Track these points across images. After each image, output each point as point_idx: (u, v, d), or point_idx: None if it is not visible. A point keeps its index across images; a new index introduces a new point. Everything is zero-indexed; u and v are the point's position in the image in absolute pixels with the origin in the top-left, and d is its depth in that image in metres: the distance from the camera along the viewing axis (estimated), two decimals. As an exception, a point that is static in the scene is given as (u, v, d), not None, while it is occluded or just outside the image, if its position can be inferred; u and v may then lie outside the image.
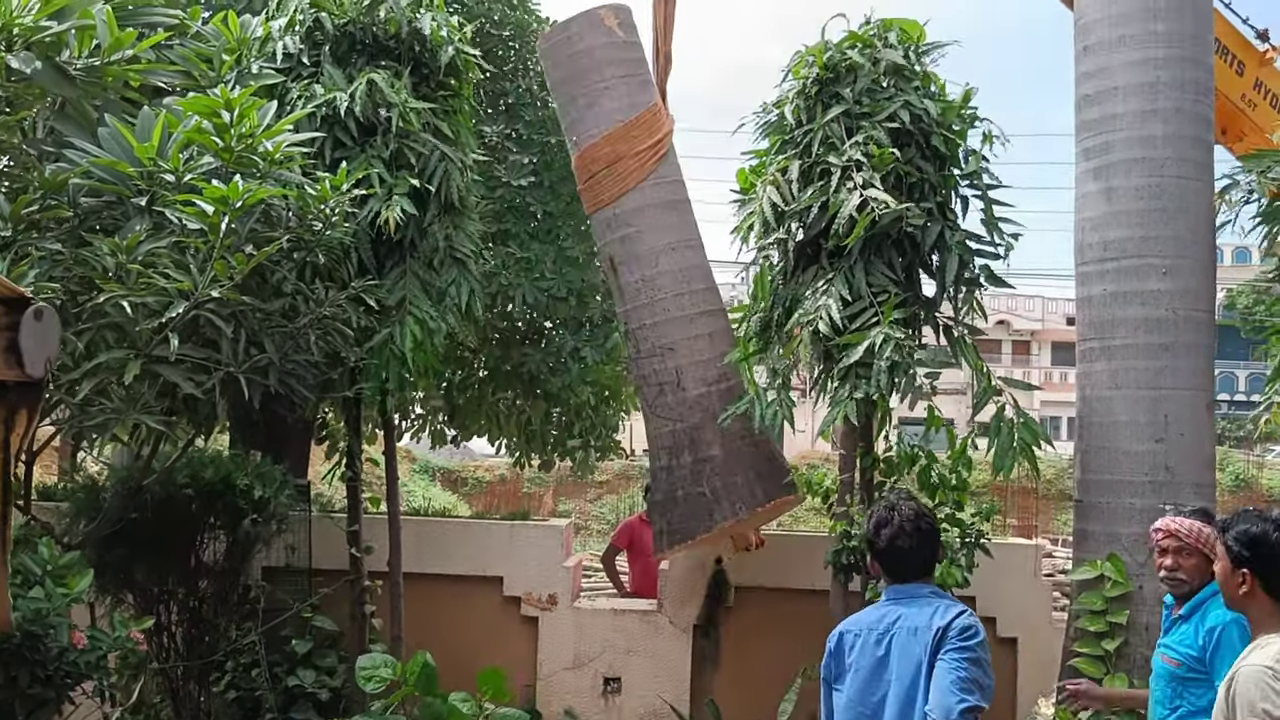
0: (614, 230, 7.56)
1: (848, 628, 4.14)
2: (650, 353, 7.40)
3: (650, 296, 7.40)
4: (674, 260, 7.46)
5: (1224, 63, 10.84)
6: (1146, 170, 6.72)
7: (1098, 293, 6.87)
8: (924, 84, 6.71)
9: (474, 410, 10.82)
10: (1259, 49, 11.22)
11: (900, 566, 4.13)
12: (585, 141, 7.61)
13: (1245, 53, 11.12)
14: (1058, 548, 20.92)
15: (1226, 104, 10.96)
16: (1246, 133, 11.16)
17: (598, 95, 7.59)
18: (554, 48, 7.82)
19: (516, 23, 10.77)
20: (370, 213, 6.56)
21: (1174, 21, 6.74)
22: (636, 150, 7.51)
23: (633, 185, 7.48)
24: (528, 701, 7.99)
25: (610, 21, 7.70)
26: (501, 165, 9.87)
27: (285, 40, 6.86)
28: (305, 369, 5.99)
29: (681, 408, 7.28)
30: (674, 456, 7.29)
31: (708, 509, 7.13)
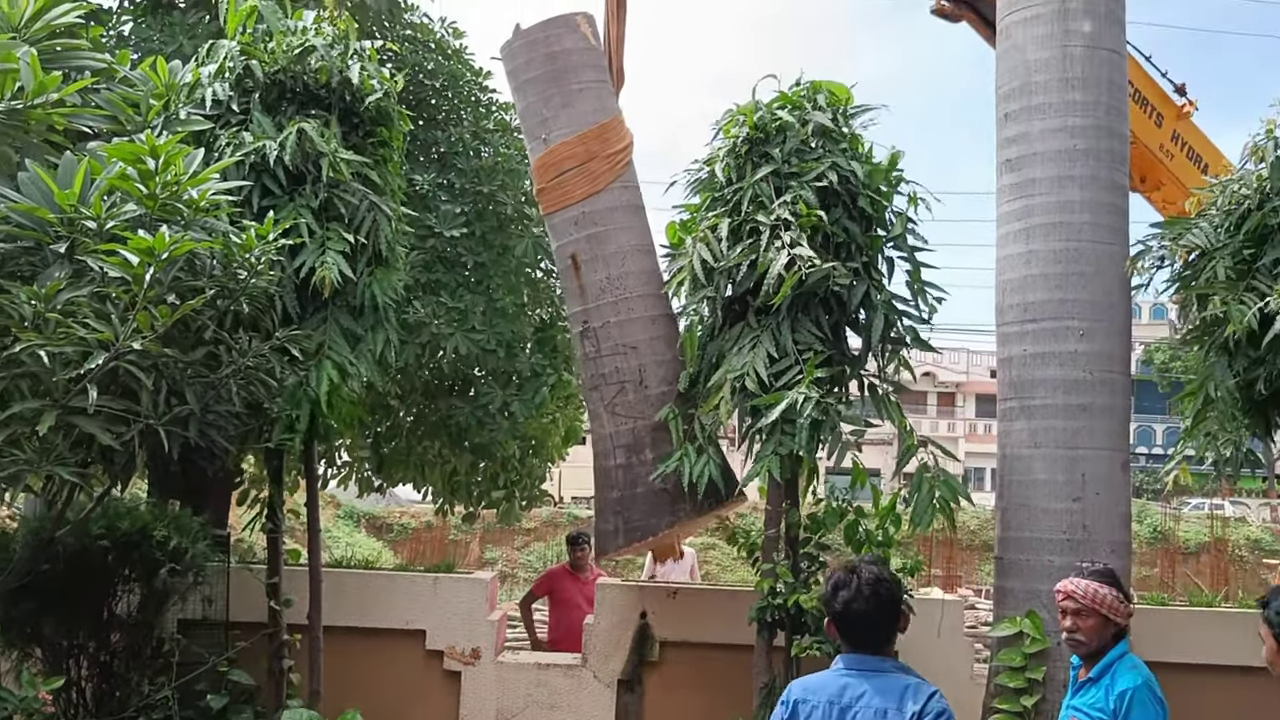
0: (581, 228, 7.66)
1: (804, 696, 3.88)
2: (613, 350, 7.49)
3: (616, 295, 7.52)
4: (639, 261, 7.63)
5: (1143, 113, 11.24)
6: (1064, 234, 6.90)
7: (1018, 353, 7.02)
8: (851, 146, 6.84)
9: (400, 460, 10.72)
10: (1177, 103, 11.62)
11: (857, 633, 3.91)
12: (558, 138, 7.71)
13: (1164, 105, 11.52)
14: (981, 599, 21.15)
15: (1145, 153, 11.35)
16: (1164, 182, 11.55)
17: (574, 96, 7.74)
18: (529, 45, 7.88)
19: (449, 73, 10.81)
20: (301, 265, 6.51)
21: (1090, 91, 6.95)
22: (609, 152, 7.70)
23: (603, 185, 7.65)
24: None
25: (584, 28, 7.93)
26: (433, 215, 9.85)
27: (215, 87, 6.81)
28: (226, 419, 5.90)
29: (644, 405, 7.40)
30: (634, 454, 7.39)
31: (669, 506, 7.24)
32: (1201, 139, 11.96)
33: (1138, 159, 11.21)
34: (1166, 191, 11.87)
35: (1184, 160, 11.73)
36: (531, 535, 37.54)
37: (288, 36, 6.95)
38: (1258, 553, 37.94)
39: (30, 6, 5.91)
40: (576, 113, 7.70)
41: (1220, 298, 6.50)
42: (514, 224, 10.34)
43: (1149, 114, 11.41)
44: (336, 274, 6.44)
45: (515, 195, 10.29)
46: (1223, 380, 6.64)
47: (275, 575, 7.38)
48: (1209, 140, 12.00)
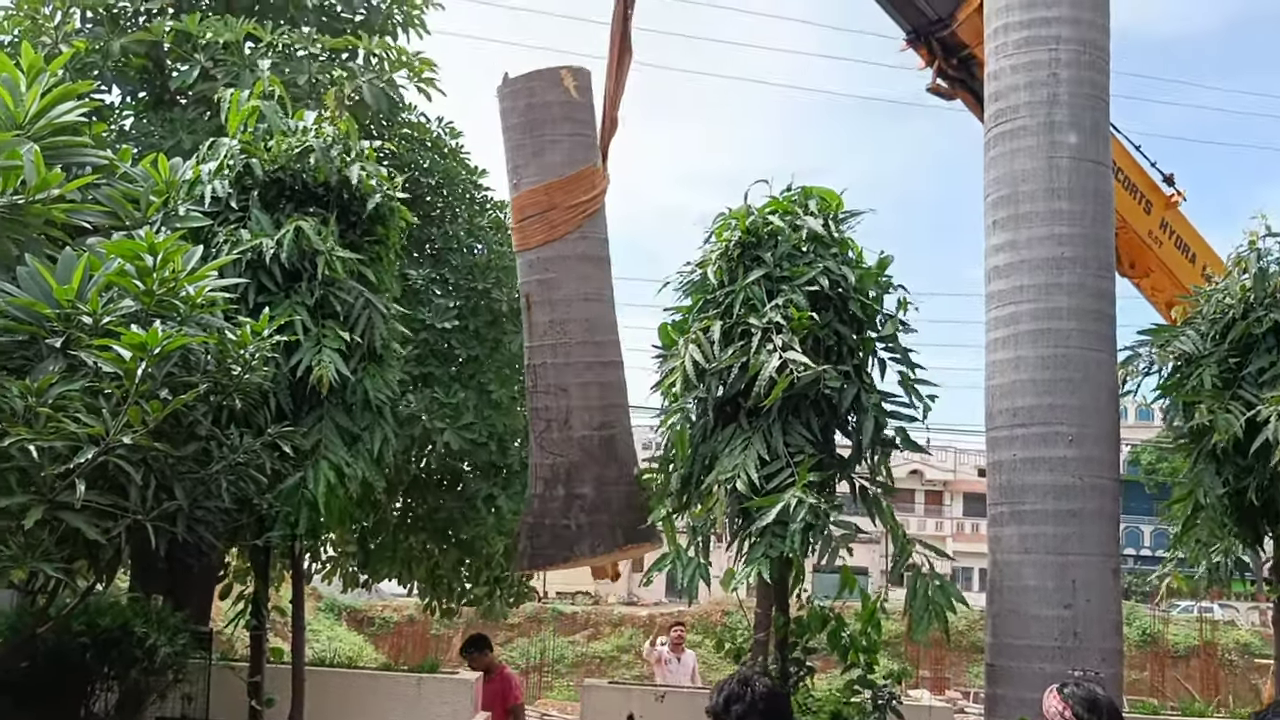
0: (534, 272, 8.05)
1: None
2: (546, 390, 7.87)
3: (556, 339, 7.88)
4: (585, 310, 7.96)
5: (1133, 200, 11.45)
6: (1052, 341, 6.97)
7: (1007, 458, 7.04)
8: (842, 250, 6.93)
9: (386, 555, 10.64)
10: (1165, 192, 11.84)
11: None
12: (525, 186, 8.10)
13: (1153, 194, 11.74)
14: (970, 702, 20.89)
15: (1134, 238, 11.54)
16: (1152, 269, 11.72)
17: (544, 146, 8.09)
18: (513, 94, 8.26)
19: (445, 170, 10.97)
20: (297, 362, 6.53)
21: (1077, 201, 7.07)
22: (570, 204, 8.03)
23: (561, 234, 8.00)
24: None
25: (568, 82, 8.26)
26: (426, 309, 9.91)
27: (214, 184, 6.90)
28: (215, 515, 5.86)
29: (565, 445, 7.75)
30: (550, 487, 7.74)
31: (570, 542, 7.60)
32: (1190, 229, 12.17)
33: (1127, 244, 11.42)
34: (1155, 279, 12.05)
35: (1172, 248, 11.94)
36: (515, 630, 37.12)
37: (288, 136, 7.06)
38: (1247, 657, 37.66)
39: (35, 104, 6.00)
40: (545, 163, 8.07)
41: (1207, 406, 6.57)
42: (507, 320, 10.41)
43: (1138, 200, 11.63)
44: (333, 372, 6.45)
45: (509, 292, 10.36)
46: (1211, 488, 6.68)
47: (257, 673, 7.27)
48: (1197, 232, 12.22)
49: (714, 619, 34.44)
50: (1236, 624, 41.58)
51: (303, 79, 9.22)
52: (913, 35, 11.55)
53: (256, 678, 7.25)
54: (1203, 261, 12.02)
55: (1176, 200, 11.97)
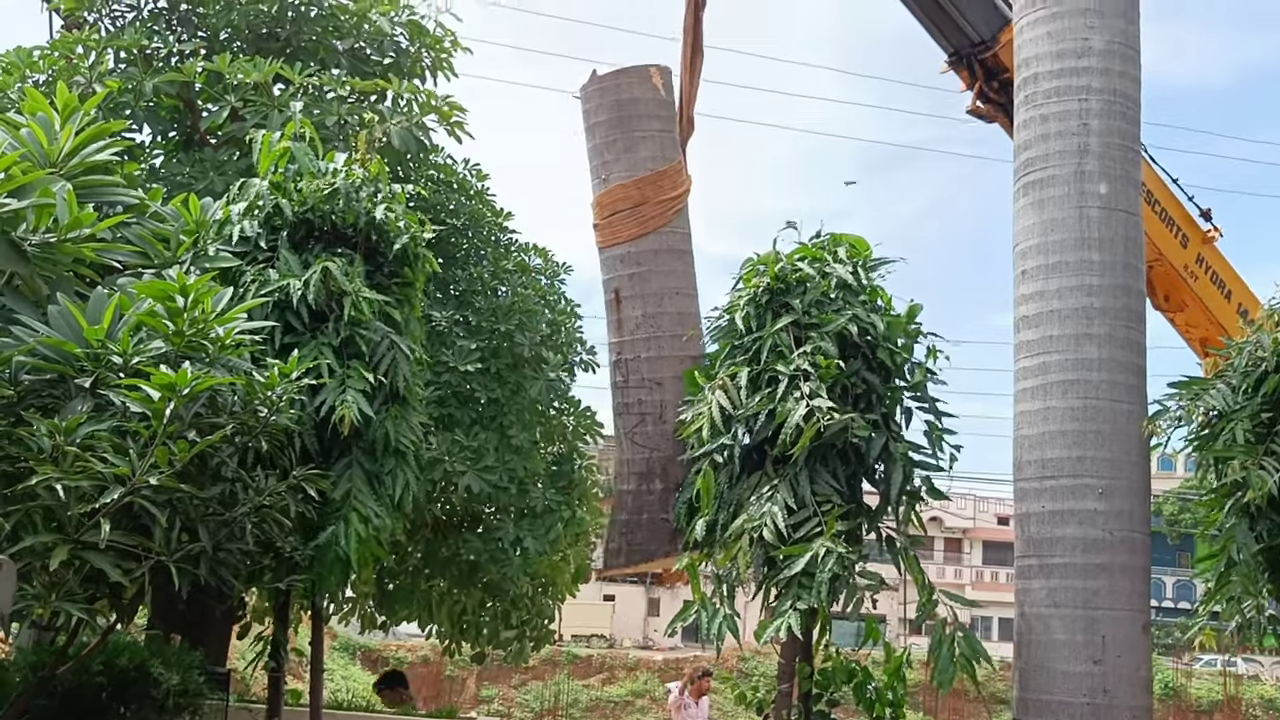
0: (626, 266, 8.22)
1: None
2: (639, 384, 7.96)
3: (650, 332, 8.00)
4: (676, 304, 8.11)
5: (1170, 233, 11.40)
6: (1082, 392, 6.91)
7: (1035, 510, 6.96)
8: (871, 298, 6.91)
9: (406, 598, 10.55)
10: (1202, 228, 11.77)
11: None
12: (615, 180, 8.27)
13: (1189, 228, 11.69)
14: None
15: (1170, 271, 11.48)
16: (1187, 303, 11.63)
17: (636, 141, 8.28)
18: (601, 91, 8.48)
19: (471, 213, 10.97)
20: (321, 403, 6.52)
21: (1108, 251, 7.04)
22: (661, 198, 8.23)
23: (652, 229, 8.20)
24: None
25: (657, 80, 8.52)
26: (449, 350, 9.89)
27: (244, 224, 6.91)
28: (238, 557, 5.83)
29: (660, 439, 7.80)
30: (645, 482, 7.79)
31: (670, 534, 7.58)
32: (1226, 266, 12.09)
33: (1163, 277, 11.39)
34: (1189, 314, 11.97)
35: (1208, 283, 11.87)
36: (529, 674, 36.80)
37: (318, 178, 7.08)
38: (1272, 712, 37.11)
39: (68, 143, 6.05)
40: (636, 158, 8.24)
41: (1240, 461, 6.47)
42: (528, 365, 10.38)
43: (1175, 234, 11.58)
44: (357, 413, 6.43)
45: (532, 336, 10.34)
46: (1245, 544, 6.56)
47: (275, 715, 7.20)
48: (1233, 269, 12.13)
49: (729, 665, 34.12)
50: (1261, 678, 41.01)
51: (332, 121, 9.26)
52: (954, 57, 11.59)
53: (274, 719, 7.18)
54: (1238, 299, 11.93)
55: (1213, 236, 11.92)
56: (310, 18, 10.15)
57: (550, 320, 10.68)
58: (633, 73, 8.43)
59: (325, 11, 10.19)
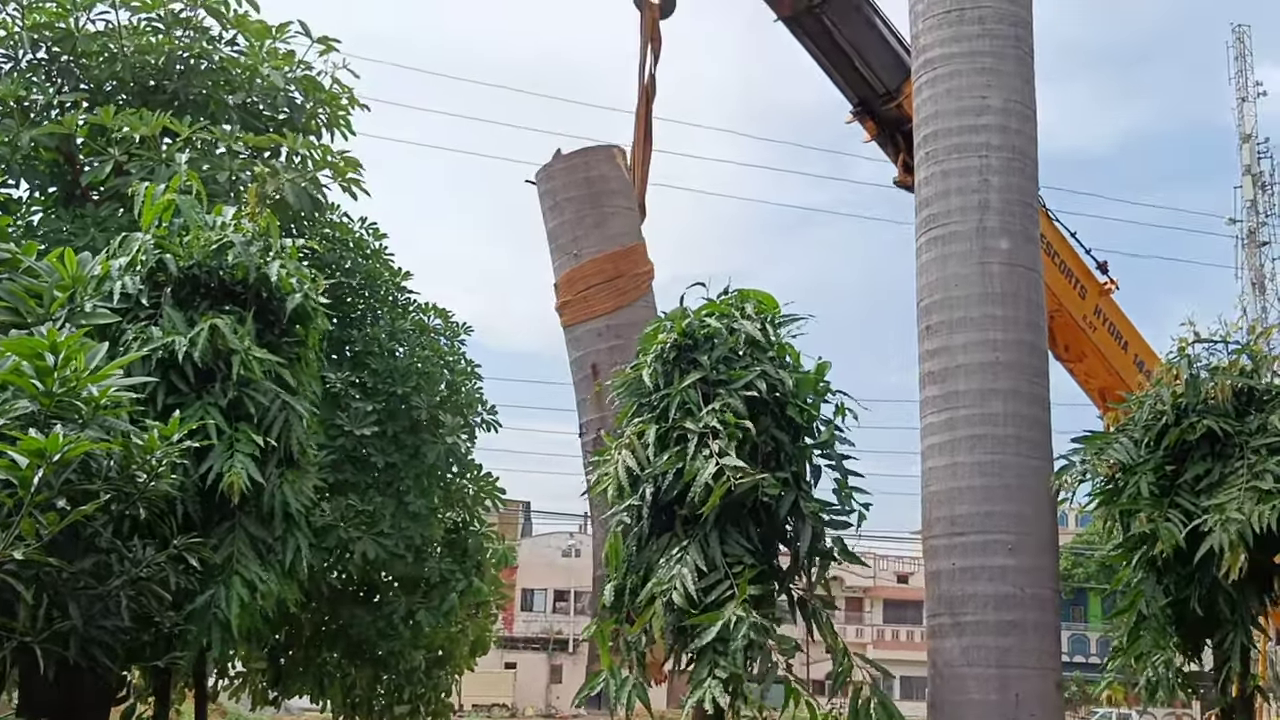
0: (604, 339, 8.26)
1: None
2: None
3: None
4: None
5: (1069, 284, 11.63)
6: (990, 447, 6.88)
7: (946, 567, 6.88)
8: (779, 354, 6.79)
9: (299, 671, 10.09)
10: (1099, 280, 12.04)
11: None
12: (588, 255, 8.32)
13: (1087, 280, 11.96)
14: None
15: (1070, 321, 11.69)
16: (1087, 353, 11.84)
17: (606, 217, 8.41)
18: (569, 169, 8.65)
19: (367, 271, 10.72)
20: (208, 469, 6.17)
21: (1010, 306, 7.06)
22: (635, 272, 8.39)
23: (629, 301, 8.32)
24: None
25: (619, 159, 8.79)
26: (344, 413, 9.56)
27: (125, 280, 6.55)
28: (112, 635, 5.42)
29: None
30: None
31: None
32: (1122, 318, 12.37)
33: (1063, 327, 11.60)
34: (1089, 364, 12.19)
35: (1106, 334, 12.12)
36: (429, 747, 35.82)
37: (205, 231, 6.78)
38: (1166, 765, 37.69)
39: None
40: (608, 233, 8.33)
41: (1146, 514, 6.48)
42: (426, 429, 10.09)
43: (1074, 285, 11.83)
44: (246, 479, 6.09)
45: (430, 399, 10.07)
46: (1154, 598, 6.55)
47: (156, 804, 6.72)
48: (1129, 320, 12.41)
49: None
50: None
51: (223, 176, 8.94)
52: (859, 108, 11.77)
53: (154, 809, 6.70)
54: (1134, 350, 12.20)
55: (1110, 288, 12.21)
56: (200, 70, 9.84)
57: (449, 381, 10.43)
58: (599, 151, 8.69)
59: (215, 65, 9.89)
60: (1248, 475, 6.24)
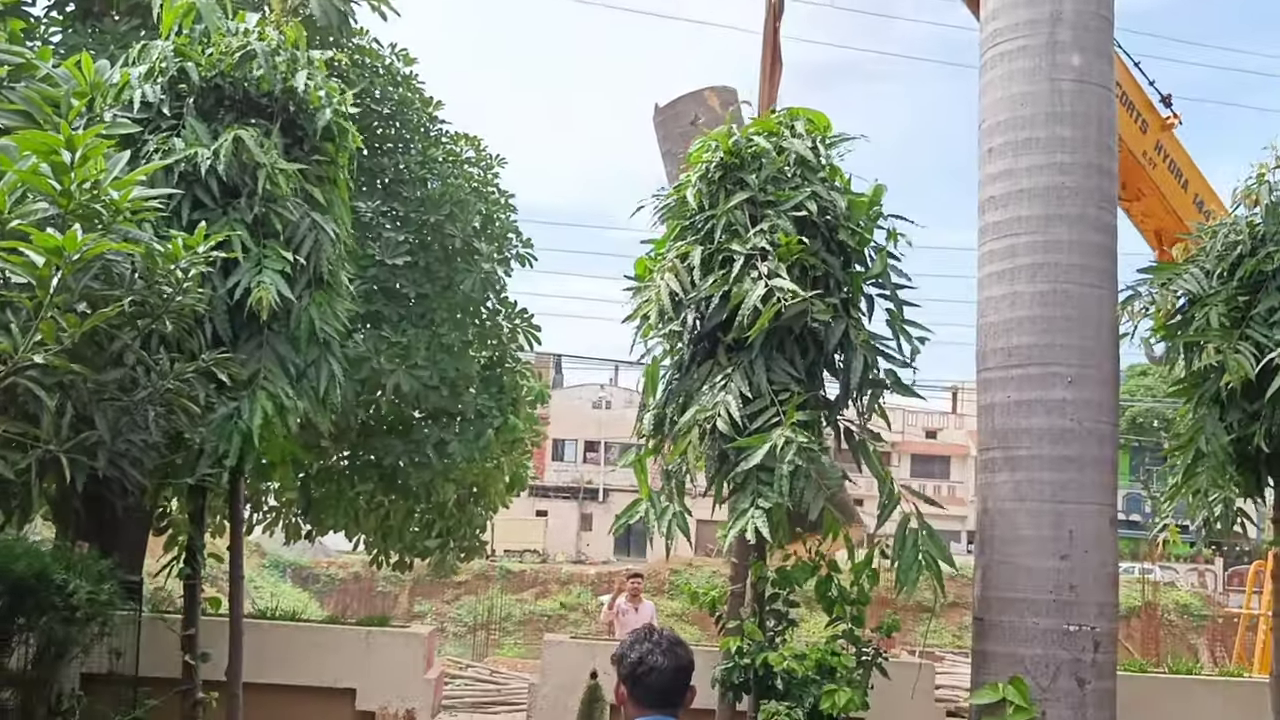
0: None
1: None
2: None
3: None
4: None
5: (1129, 117, 11.06)
6: (1052, 276, 6.53)
7: (1001, 400, 6.60)
8: (830, 176, 6.43)
9: (331, 505, 10.05)
10: (1162, 114, 11.48)
11: (655, 693, 3.56)
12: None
13: (1149, 113, 11.40)
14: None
15: (1129, 158, 11.17)
16: (1145, 192, 11.34)
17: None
18: (664, 123, 9.33)
19: (398, 99, 10.32)
20: (235, 284, 5.94)
21: (1079, 127, 6.62)
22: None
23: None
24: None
25: (712, 100, 9.16)
26: (376, 243, 9.30)
27: (145, 89, 6.25)
28: (142, 450, 5.26)
29: None
30: None
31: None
32: (1184, 155, 11.81)
33: (1121, 164, 11.06)
34: (1146, 203, 11.70)
35: (1165, 172, 11.59)
36: (463, 588, 36.64)
37: (227, 38, 6.42)
38: (1186, 617, 38.16)
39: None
40: None
41: (1215, 346, 6.17)
42: (461, 257, 9.82)
43: (1135, 119, 11.27)
44: (275, 295, 5.86)
45: (464, 227, 9.77)
46: (1215, 434, 6.28)
47: (191, 626, 6.70)
48: (1190, 158, 11.85)
49: (662, 577, 34.15)
50: (1177, 585, 42.10)
51: (245, -13, 8.53)
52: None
53: (191, 631, 6.69)
54: (1194, 190, 11.68)
55: (1173, 122, 11.62)
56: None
57: (483, 212, 10.11)
58: (689, 99, 9.09)
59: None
60: (1327, 307, 5.90)
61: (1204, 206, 11.35)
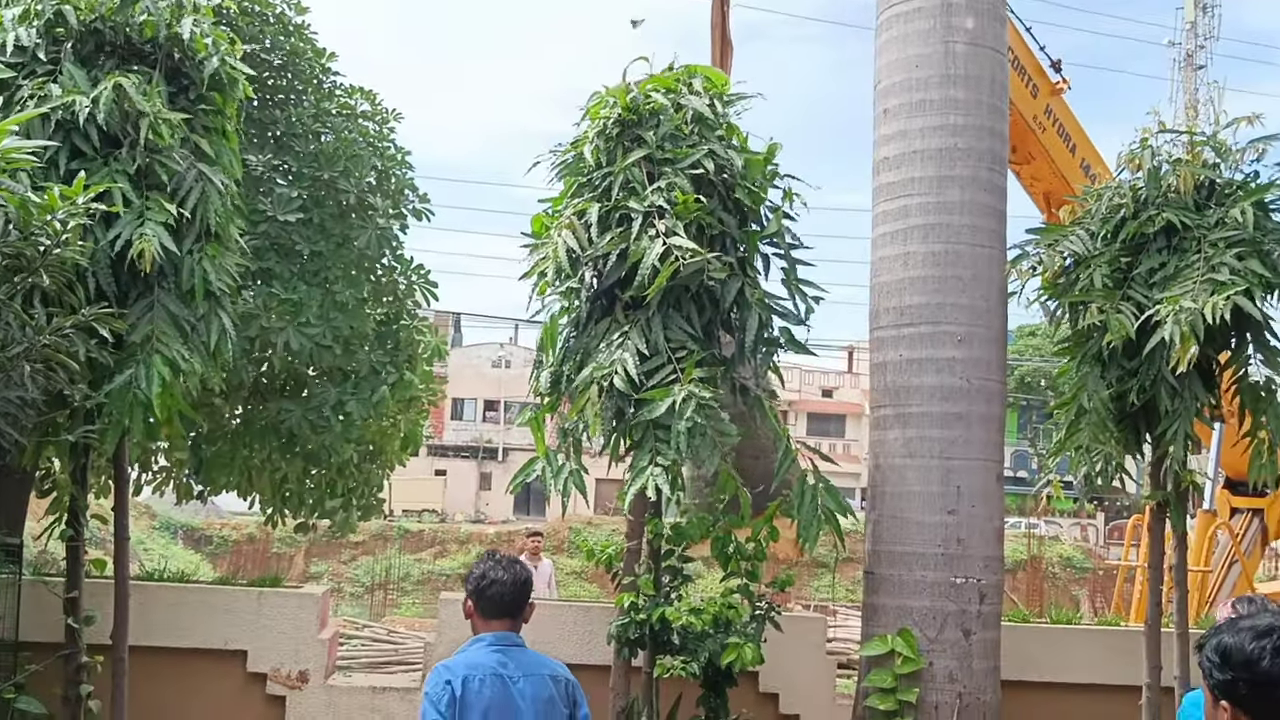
0: None
1: (467, 672, 4.02)
2: None
3: None
4: None
5: (1021, 82, 11.29)
6: (943, 236, 6.66)
7: (893, 359, 6.74)
8: (727, 135, 6.44)
9: (224, 464, 9.82)
10: (1052, 79, 11.72)
11: (497, 606, 4.14)
12: None
13: (1040, 78, 11.64)
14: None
15: (1019, 121, 11.41)
16: (1034, 155, 11.60)
17: None
18: None
19: (290, 50, 10.03)
20: (117, 237, 5.74)
21: (972, 90, 6.73)
22: None
23: None
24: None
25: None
26: (267, 198, 9.07)
27: (19, 31, 5.97)
28: (19, 408, 5.08)
29: None
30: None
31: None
32: (1072, 119, 12.10)
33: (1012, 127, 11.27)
34: (1035, 167, 11.97)
35: (1055, 136, 11.88)
36: (360, 549, 36.30)
37: (106, -20, 6.17)
38: (1069, 569, 39.51)
39: None
40: None
41: (1098, 306, 6.34)
42: (356, 213, 9.62)
43: (1026, 84, 11.50)
44: (158, 247, 5.68)
45: (358, 182, 9.56)
46: (1096, 391, 6.47)
47: (75, 589, 6.51)
48: (1079, 123, 12.14)
49: (562, 535, 34.24)
50: (1061, 539, 43.52)
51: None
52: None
53: (74, 593, 6.50)
54: (1082, 154, 11.98)
55: (1062, 88, 11.89)
56: None
57: (378, 168, 9.91)
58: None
59: None
60: (1204, 268, 6.10)
61: (1090, 170, 11.65)
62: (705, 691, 6.36)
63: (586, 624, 7.33)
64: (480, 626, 4.17)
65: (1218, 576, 13.99)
